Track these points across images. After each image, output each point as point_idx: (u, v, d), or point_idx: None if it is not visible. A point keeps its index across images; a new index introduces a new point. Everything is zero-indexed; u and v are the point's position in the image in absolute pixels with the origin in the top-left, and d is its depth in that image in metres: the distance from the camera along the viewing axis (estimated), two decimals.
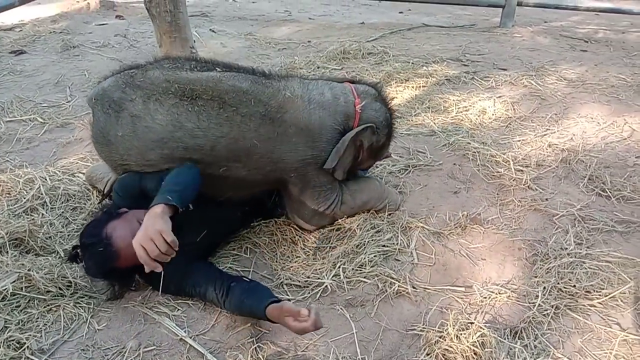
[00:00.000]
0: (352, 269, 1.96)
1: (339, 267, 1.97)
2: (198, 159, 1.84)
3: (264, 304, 1.64)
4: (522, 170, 2.54)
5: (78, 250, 1.77)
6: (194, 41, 3.84)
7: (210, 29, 5.12)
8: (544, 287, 1.85)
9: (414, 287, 1.89)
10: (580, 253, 2.01)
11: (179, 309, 1.81)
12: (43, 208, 2.24)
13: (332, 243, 2.12)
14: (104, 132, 1.87)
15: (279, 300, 1.65)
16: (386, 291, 1.86)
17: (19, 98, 3.41)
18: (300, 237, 2.15)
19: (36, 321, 1.74)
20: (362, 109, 2.05)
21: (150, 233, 1.51)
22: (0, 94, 3.50)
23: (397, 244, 2.08)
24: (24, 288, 1.81)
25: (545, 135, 2.93)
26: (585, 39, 5.00)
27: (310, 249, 2.09)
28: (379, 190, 2.26)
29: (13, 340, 1.64)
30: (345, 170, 2.10)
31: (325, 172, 2.05)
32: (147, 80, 1.84)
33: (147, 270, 1.54)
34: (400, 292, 1.87)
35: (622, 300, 1.81)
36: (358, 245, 2.07)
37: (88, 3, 5.61)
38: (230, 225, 2.14)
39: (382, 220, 2.19)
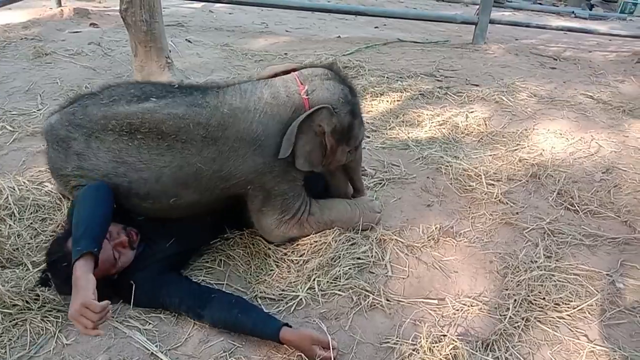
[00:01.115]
0: (327, 281, 1.96)
1: (314, 279, 1.96)
2: (145, 193, 1.84)
3: (275, 325, 1.68)
4: (493, 184, 2.59)
5: (47, 273, 1.75)
6: (170, 51, 3.81)
7: (186, 39, 5.09)
8: (515, 300, 1.88)
9: (388, 300, 1.90)
10: (549, 266, 2.06)
11: (150, 323, 1.78)
12: (11, 219, 2.18)
13: (306, 256, 2.11)
14: (54, 167, 1.94)
15: (288, 324, 1.69)
16: (360, 304, 1.87)
17: None
18: (274, 250, 2.14)
19: (1, 336, 1.69)
20: (309, 94, 1.96)
21: (76, 310, 1.45)
22: None
23: (372, 256, 2.09)
24: None
25: (515, 150, 3.00)
26: (554, 57, 5.16)
27: (284, 262, 2.08)
28: (350, 215, 2.21)
29: None
30: (313, 162, 2.02)
31: (287, 179, 2.01)
32: (86, 118, 1.86)
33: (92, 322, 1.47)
34: (375, 305, 1.88)
35: (589, 313, 1.86)
36: (333, 257, 2.06)
37: (61, 10, 5.52)
38: (200, 233, 2.10)
39: (357, 233, 2.20)
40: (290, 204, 2.07)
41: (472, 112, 3.48)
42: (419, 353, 1.64)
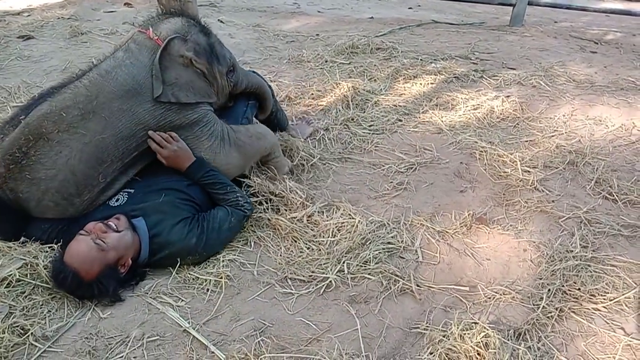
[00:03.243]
0: (357, 264, 1.95)
1: (344, 262, 1.96)
2: (74, 190, 1.93)
3: None
4: (529, 171, 2.53)
5: None
6: None
7: (218, 20, 5.09)
8: (549, 290, 1.85)
9: (418, 286, 1.88)
10: (585, 256, 2.01)
11: (183, 300, 1.82)
12: None
13: (335, 239, 2.11)
14: None
15: None
16: (390, 288, 1.86)
17: (26, 83, 3.40)
18: (302, 232, 2.14)
19: (40, 307, 1.75)
20: (157, 35, 2.05)
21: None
22: (7, 78, 3.50)
23: (402, 241, 2.08)
24: (28, 275, 1.82)
25: (553, 136, 2.92)
26: (595, 40, 4.97)
27: (314, 244, 2.09)
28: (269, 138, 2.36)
29: (17, 326, 1.65)
30: (200, 91, 2.12)
31: (192, 111, 2.09)
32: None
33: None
34: (405, 290, 1.87)
35: (626, 305, 1.81)
36: (362, 241, 2.06)
37: None
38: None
39: (387, 218, 2.19)
40: (209, 129, 2.14)
41: (508, 96, 3.39)
42: (449, 339, 1.63)
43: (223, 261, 1.99)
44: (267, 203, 2.27)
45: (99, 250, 1.76)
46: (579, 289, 1.85)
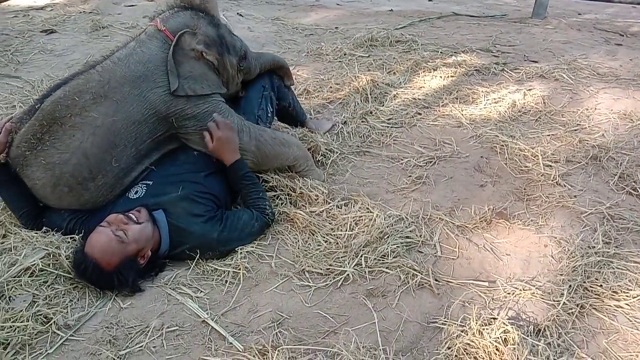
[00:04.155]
0: (374, 258, 1.95)
1: (361, 256, 1.96)
2: (88, 174, 1.96)
3: None
4: (550, 166, 2.49)
5: None
6: None
7: (238, 13, 5.10)
8: (570, 286, 1.82)
9: (436, 280, 1.87)
10: (608, 252, 1.97)
11: (202, 291, 1.84)
12: None
13: (353, 232, 2.10)
14: None
15: None
16: (408, 282, 1.85)
17: (49, 77, 3.46)
18: (320, 225, 2.14)
19: (63, 297, 1.79)
20: (165, 25, 2.10)
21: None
22: (30, 72, 3.56)
23: (421, 236, 2.06)
24: (51, 264, 1.86)
25: (575, 130, 2.86)
26: (620, 33, 4.85)
27: (331, 237, 2.08)
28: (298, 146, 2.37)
29: (40, 314, 1.69)
30: (212, 83, 2.15)
31: (205, 103, 2.11)
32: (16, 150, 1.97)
33: None
34: (423, 284, 1.86)
35: None
36: (380, 235, 2.05)
37: None
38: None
39: (406, 212, 2.17)
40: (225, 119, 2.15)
41: (530, 89, 3.34)
42: (467, 335, 1.61)
43: (241, 253, 2.00)
44: (285, 198, 2.28)
45: (120, 242, 1.79)
46: (601, 285, 1.82)
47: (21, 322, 1.63)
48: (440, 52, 4.01)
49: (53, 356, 1.60)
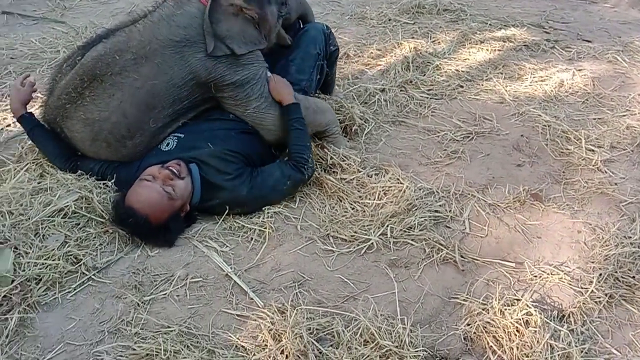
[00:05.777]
0: (400, 229, 1.93)
1: (387, 226, 1.94)
2: (126, 131, 1.99)
3: None
4: (593, 150, 2.40)
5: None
6: None
7: None
8: (600, 274, 1.77)
9: (462, 257, 1.85)
10: None
11: (227, 246, 1.87)
12: None
13: (381, 202, 2.08)
14: None
15: None
16: (433, 256, 1.84)
17: (93, 24, 3.50)
18: (348, 193, 2.12)
19: (93, 240, 1.84)
20: None
21: None
22: (76, 18, 3.60)
23: (450, 211, 2.03)
24: (83, 208, 1.91)
25: (624, 116, 2.73)
26: None
27: (359, 205, 2.07)
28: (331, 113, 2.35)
29: (71, 255, 1.75)
30: (253, 39, 2.08)
31: (244, 66, 2.07)
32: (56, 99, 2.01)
33: None
34: (447, 260, 1.84)
35: None
36: (409, 207, 2.03)
37: None
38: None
39: (437, 186, 2.14)
40: (260, 89, 2.11)
41: (580, 69, 3.18)
42: (488, 313, 1.60)
43: (268, 213, 2.01)
44: (318, 163, 2.26)
45: (169, 198, 1.82)
46: (634, 277, 1.76)
47: (53, 260, 1.70)
48: (489, 24, 3.85)
49: (81, 295, 1.67)
